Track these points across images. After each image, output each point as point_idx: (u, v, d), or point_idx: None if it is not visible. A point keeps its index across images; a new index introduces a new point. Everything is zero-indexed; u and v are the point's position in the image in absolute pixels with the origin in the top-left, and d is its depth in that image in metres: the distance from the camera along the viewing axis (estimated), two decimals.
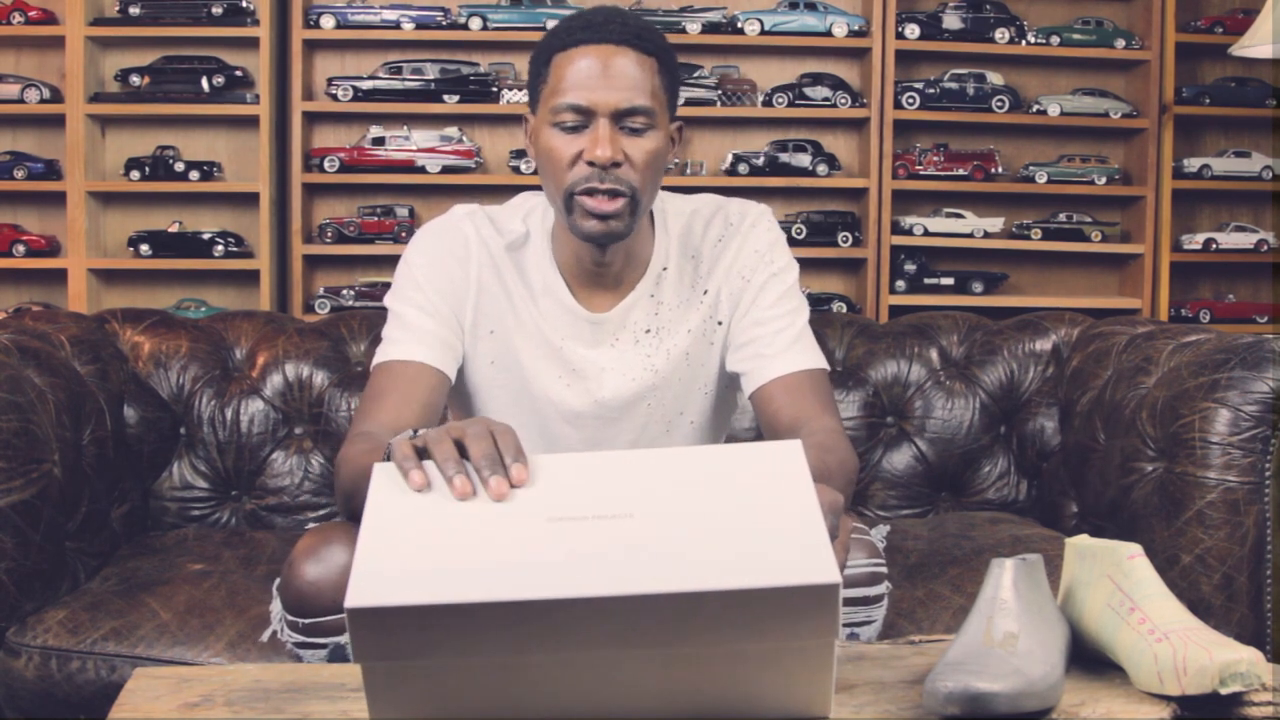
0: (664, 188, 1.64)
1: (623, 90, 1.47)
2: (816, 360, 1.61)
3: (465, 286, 1.60)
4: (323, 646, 1.41)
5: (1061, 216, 3.88)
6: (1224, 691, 1.06)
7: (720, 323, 1.64)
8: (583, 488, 1.04)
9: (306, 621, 1.40)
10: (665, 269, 1.63)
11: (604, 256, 1.57)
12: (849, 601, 1.45)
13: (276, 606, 1.45)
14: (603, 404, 1.63)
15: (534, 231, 1.62)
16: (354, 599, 0.92)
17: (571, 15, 1.54)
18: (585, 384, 1.63)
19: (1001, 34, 3.76)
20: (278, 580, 1.45)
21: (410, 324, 1.57)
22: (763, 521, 0.99)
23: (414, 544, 0.98)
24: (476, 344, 1.62)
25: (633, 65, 1.48)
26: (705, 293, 1.64)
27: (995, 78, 3.80)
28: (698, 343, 1.64)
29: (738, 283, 1.63)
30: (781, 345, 1.59)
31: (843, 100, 3.72)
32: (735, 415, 1.87)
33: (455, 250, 1.61)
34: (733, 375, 1.66)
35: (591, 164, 1.47)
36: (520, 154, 3.70)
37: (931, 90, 3.76)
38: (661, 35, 1.54)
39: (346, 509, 1.47)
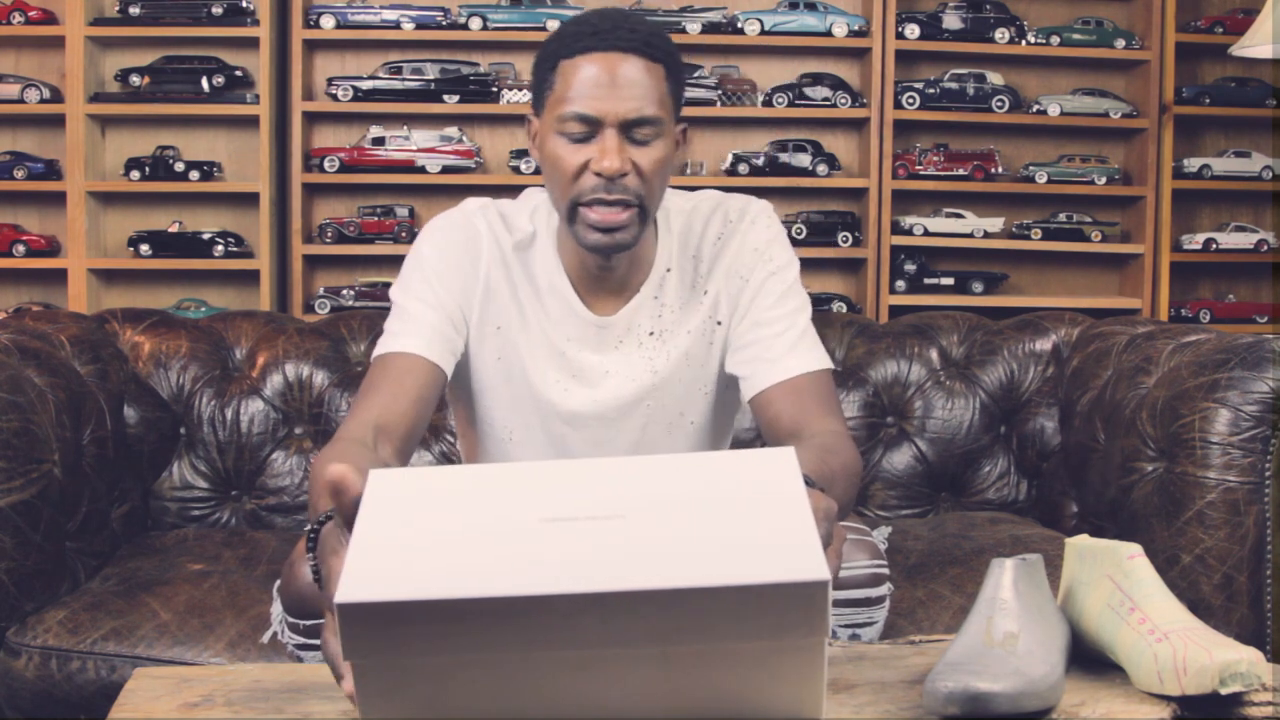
0: None
1: (631, 100, 1.44)
2: (819, 360, 1.57)
3: (474, 282, 1.58)
4: None
5: (1061, 216, 3.88)
6: (1224, 691, 1.06)
7: (719, 323, 1.62)
8: (575, 491, 1.04)
9: (307, 623, 1.39)
10: (668, 270, 1.61)
11: (609, 262, 1.55)
12: (852, 603, 1.45)
13: (277, 608, 1.44)
14: (603, 405, 1.61)
15: (540, 230, 1.60)
16: (344, 594, 0.92)
17: (577, 19, 1.50)
18: (587, 386, 1.61)
19: (1001, 34, 3.76)
20: (278, 582, 1.44)
21: (412, 316, 1.54)
22: (753, 521, 0.99)
23: (406, 542, 0.98)
24: (483, 340, 1.60)
25: (641, 73, 1.45)
26: (705, 293, 1.61)
27: (995, 78, 3.80)
28: (697, 343, 1.62)
29: (736, 282, 1.60)
30: (782, 349, 1.56)
31: (843, 100, 3.72)
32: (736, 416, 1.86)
33: (467, 245, 1.58)
34: (732, 377, 1.63)
35: (599, 174, 1.45)
36: (520, 154, 3.70)
37: (931, 90, 3.76)
38: (668, 39, 1.50)
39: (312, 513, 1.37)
